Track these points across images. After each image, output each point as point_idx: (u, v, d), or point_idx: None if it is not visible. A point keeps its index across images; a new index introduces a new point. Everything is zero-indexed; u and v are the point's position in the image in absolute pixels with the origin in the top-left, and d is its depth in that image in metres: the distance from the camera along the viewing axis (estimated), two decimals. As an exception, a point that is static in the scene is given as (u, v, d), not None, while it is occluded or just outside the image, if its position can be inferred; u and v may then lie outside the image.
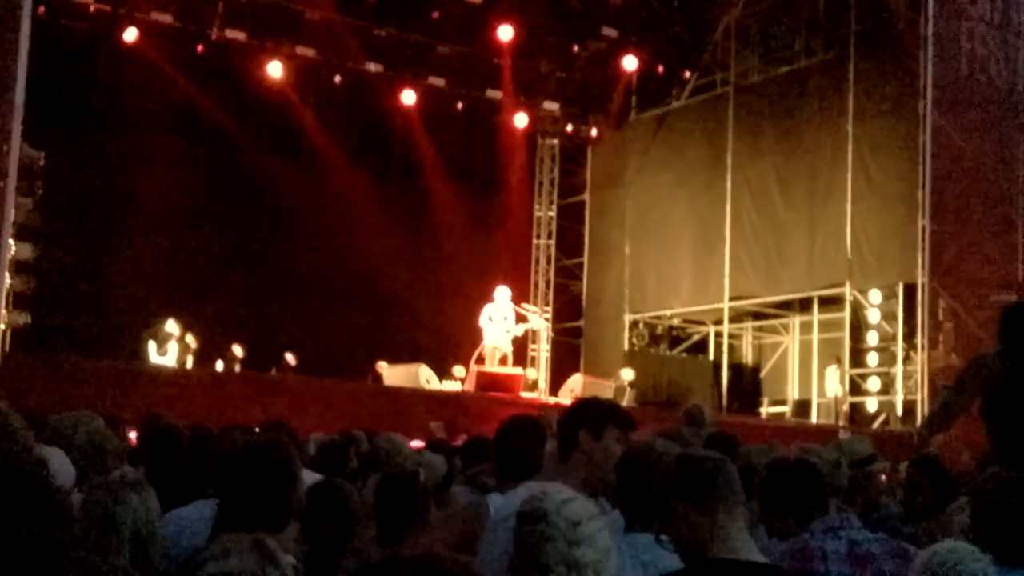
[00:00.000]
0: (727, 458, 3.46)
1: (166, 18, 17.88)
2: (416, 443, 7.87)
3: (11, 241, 13.40)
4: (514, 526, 2.94)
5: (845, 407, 18.10)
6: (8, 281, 13.44)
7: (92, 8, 17.39)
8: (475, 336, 18.09)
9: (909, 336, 17.38)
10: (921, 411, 16.70)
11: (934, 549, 3.54)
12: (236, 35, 18.48)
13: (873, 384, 17.98)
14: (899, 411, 17.41)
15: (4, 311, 13.08)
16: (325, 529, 4.13)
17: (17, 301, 14.87)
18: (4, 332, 13.48)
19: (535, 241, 23.77)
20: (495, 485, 4.60)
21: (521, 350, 21.00)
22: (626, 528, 3.71)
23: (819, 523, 4.00)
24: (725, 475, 3.26)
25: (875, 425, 17.49)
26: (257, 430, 7.07)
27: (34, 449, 3.61)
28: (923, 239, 16.90)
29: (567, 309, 23.52)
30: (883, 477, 6.53)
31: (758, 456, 5.22)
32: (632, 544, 3.56)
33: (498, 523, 3.74)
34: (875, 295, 18.12)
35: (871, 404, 18.01)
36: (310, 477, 5.45)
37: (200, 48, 18.35)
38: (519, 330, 18.37)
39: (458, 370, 18.15)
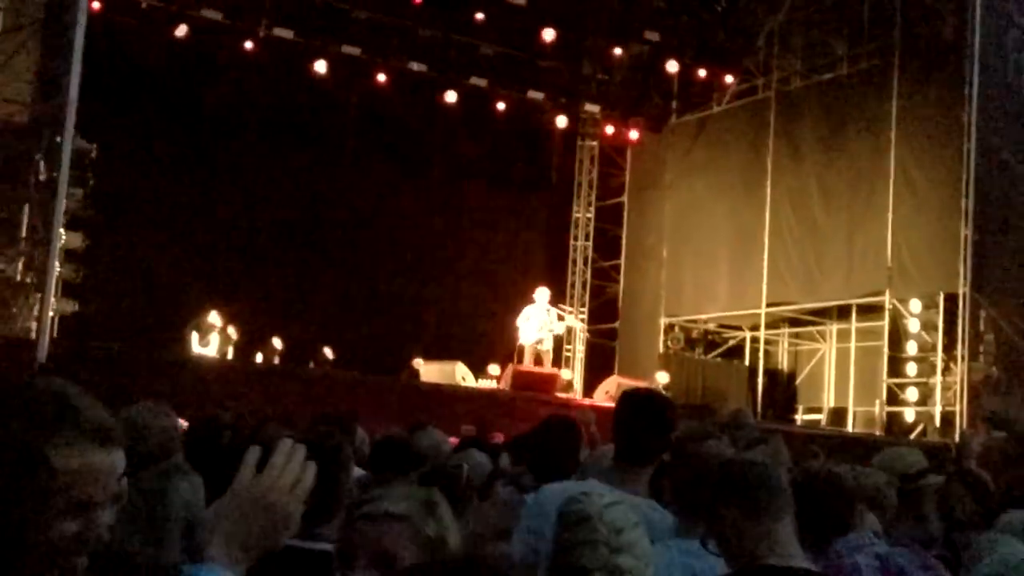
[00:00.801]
0: (774, 463, 3.48)
1: (216, 15, 18.03)
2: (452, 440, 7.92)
3: (62, 230, 13.56)
4: (556, 527, 2.95)
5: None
6: (58, 269, 13.61)
7: (144, 5, 17.56)
8: (510, 335, 18.10)
9: (949, 347, 17.24)
10: (959, 423, 16.60)
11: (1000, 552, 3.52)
12: (283, 33, 18.61)
13: (911, 394, 17.83)
14: (937, 422, 17.26)
15: (53, 299, 13.22)
16: None
17: (66, 289, 15.06)
18: (53, 319, 13.63)
19: (572, 242, 23.74)
20: (534, 484, 4.61)
21: (556, 351, 20.98)
22: (678, 532, 3.72)
23: (842, 541, 3.92)
24: (773, 481, 3.26)
25: (912, 436, 17.38)
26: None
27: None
28: (965, 249, 16.76)
29: (603, 311, 23.50)
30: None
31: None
32: (683, 549, 3.55)
33: (535, 509, 3.76)
34: (915, 304, 17.97)
35: (909, 415, 17.86)
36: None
37: (249, 45, 18.49)
38: (559, 329, 18.37)
39: (493, 368, 18.18)
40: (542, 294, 18.07)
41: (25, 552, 1.72)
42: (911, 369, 17.94)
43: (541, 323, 17.84)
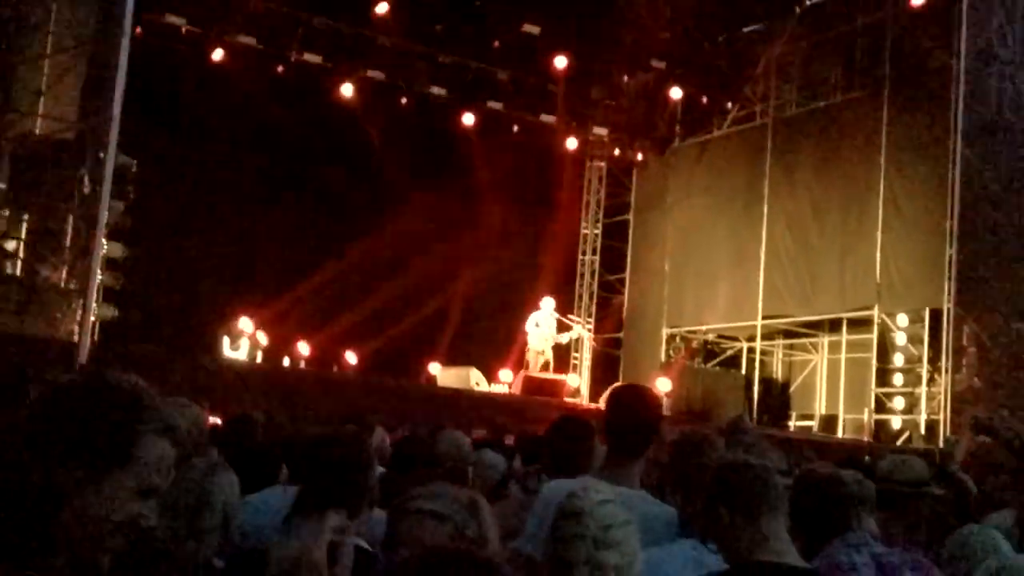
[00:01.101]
0: (770, 466, 3.44)
1: (250, 41, 18.10)
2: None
3: (104, 240, 13.59)
4: (553, 518, 2.95)
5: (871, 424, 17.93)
6: (99, 277, 13.63)
7: (184, 30, 17.64)
8: (522, 343, 18.11)
9: (934, 359, 17.17)
10: (943, 431, 16.53)
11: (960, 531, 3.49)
12: (313, 58, 18.69)
13: (898, 403, 17.76)
14: (922, 430, 17.19)
15: (95, 304, 13.25)
16: None
17: (106, 296, 15.09)
18: (94, 324, 13.66)
19: (581, 257, 23.74)
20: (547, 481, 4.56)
21: (564, 358, 20.99)
22: (680, 531, 3.70)
23: (840, 540, 3.88)
24: (768, 482, 3.24)
25: (899, 442, 17.31)
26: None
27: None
28: (949, 267, 16.72)
29: (609, 321, 23.47)
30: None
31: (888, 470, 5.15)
32: (683, 548, 3.52)
33: (542, 502, 3.74)
34: (902, 319, 17.92)
35: (895, 422, 17.80)
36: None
37: (280, 69, 18.55)
38: (562, 338, 18.34)
39: (505, 374, 18.16)
40: (547, 303, 18.06)
41: (91, 528, 1.76)
42: (898, 379, 17.88)
43: (546, 330, 17.83)
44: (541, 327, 17.85)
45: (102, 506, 1.77)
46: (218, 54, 18.00)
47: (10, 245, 13.10)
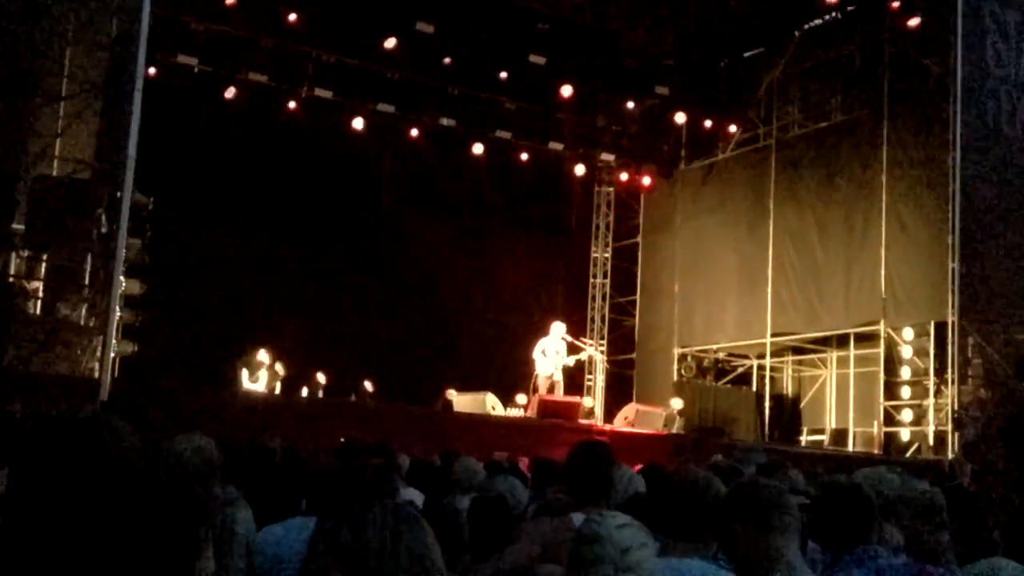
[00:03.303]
0: (785, 487, 3.44)
1: (262, 78, 18.17)
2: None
3: (122, 278, 13.59)
4: (572, 543, 2.94)
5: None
6: (118, 314, 13.62)
7: (196, 69, 17.72)
8: (534, 367, 18.06)
9: (940, 371, 17.09)
10: (951, 441, 16.44)
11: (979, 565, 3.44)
12: (324, 93, 18.75)
13: (906, 416, 17.68)
14: (931, 441, 17.11)
15: (114, 341, 13.24)
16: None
17: (126, 332, 15.08)
18: (114, 360, 13.65)
19: (592, 280, 23.74)
20: (572, 506, 4.49)
21: (578, 380, 20.94)
22: (661, 551, 3.64)
23: (849, 557, 3.81)
24: (784, 502, 3.26)
25: (908, 454, 17.21)
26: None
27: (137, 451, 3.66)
28: (953, 281, 16.65)
29: (621, 342, 23.43)
30: None
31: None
32: (697, 563, 3.49)
33: None
34: (908, 332, 17.84)
35: (904, 434, 17.71)
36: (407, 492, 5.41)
37: (292, 105, 18.62)
38: (570, 361, 18.28)
39: (520, 398, 18.09)
40: (557, 328, 18.00)
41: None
42: (905, 392, 17.80)
43: (554, 355, 17.76)
44: (548, 354, 17.75)
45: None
46: (231, 92, 18.07)
47: (30, 285, 13.11)
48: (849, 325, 18.95)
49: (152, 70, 15.78)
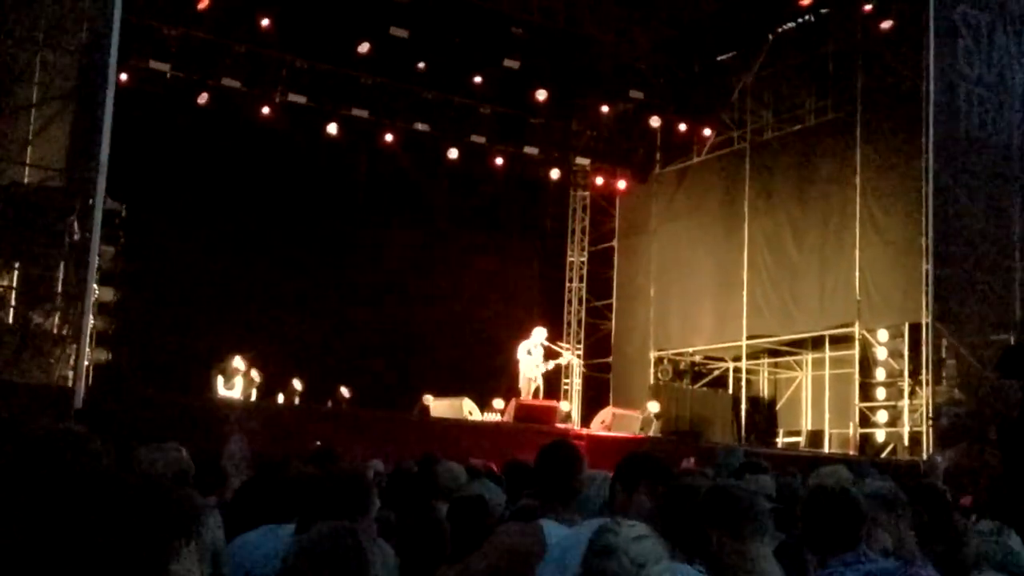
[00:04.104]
0: (759, 492, 3.45)
1: (235, 84, 18.11)
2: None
3: (95, 285, 13.51)
4: (584, 554, 2.83)
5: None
6: (92, 321, 13.54)
7: (169, 75, 17.64)
8: (513, 372, 18.06)
9: (914, 372, 17.21)
10: (926, 442, 16.56)
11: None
12: (297, 98, 18.71)
13: (881, 417, 17.79)
14: (906, 442, 17.22)
15: (88, 349, 13.15)
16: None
17: (99, 340, 14.99)
18: (88, 368, 13.56)
19: (568, 284, 23.77)
20: (540, 510, 4.48)
21: (555, 384, 20.94)
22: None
23: (837, 560, 3.79)
24: (756, 507, 3.27)
25: (883, 455, 17.30)
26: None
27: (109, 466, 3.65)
28: (926, 283, 16.77)
29: (597, 346, 23.46)
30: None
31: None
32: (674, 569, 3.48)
33: (561, 553, 3.64)
34: (882, 334, 17.95)
35: (880, 435, 17.81)
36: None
37: (265, 110, 18.57)
38: (549, 365, 18.30)
39: (497, 402, 18.09)
40: (538, 332, 18.03)
41: None
42: (880, 393, 17.90)
43: (537, 358, 17.80)
44: (533, 355, 17.79)
45: None
46: (203, 98, 18.01)
47: (2, 293, 13.01)
48: (824, 327, 19.04)
49: (124, 76, 15.69)
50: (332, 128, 19.11)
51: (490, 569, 3.96)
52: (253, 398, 16.38)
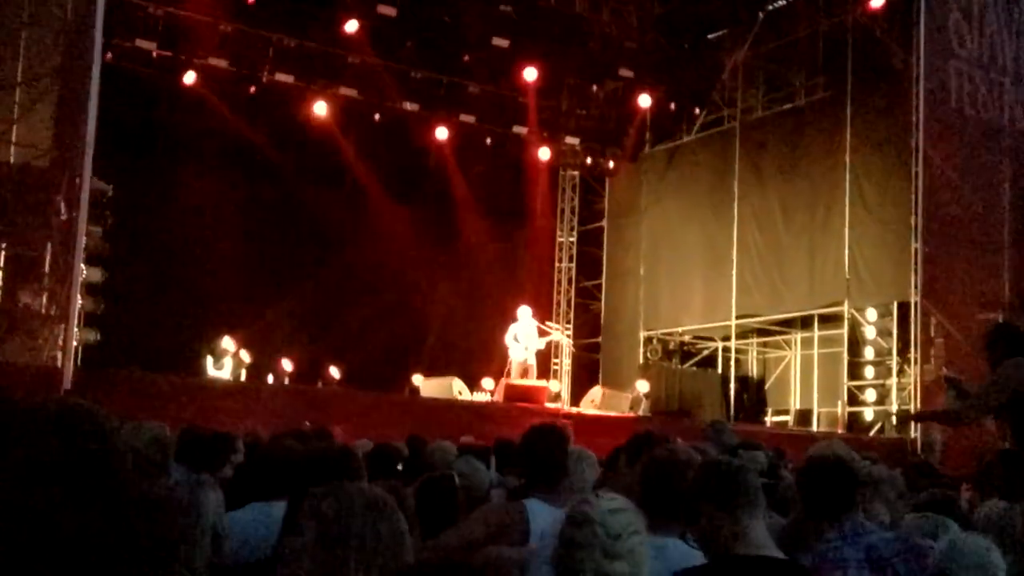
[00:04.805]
0: (748, 465, 3.47)
1: (221, 63, 17.97)
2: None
3: (83, 266, 13.47)
4: (561, 525, 2.87)
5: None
6: (79, 302, 13.50)
7: (155, 54, 17.49)
8: (502, 351, 18.07)
9: (903, 351, 17.28)
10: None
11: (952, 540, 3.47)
12: (285, 78, 18.56)
13: (870, 395, 17.87)
14: (894, 420, 17.30)
15: (76, 329, 13.11)
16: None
17: (88, 320, 14.93)
18: (76, 349, 13.53)
19: (557, 264, 23.77)
20: (525, 489, 4.51)
21: (544, 364, 20.94)
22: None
23: (837, 530, 3.87)
24: (747, 480, 3.27)
25: (871, 433, 17.39)
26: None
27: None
28: (915, 261, 16.83)
29: (587, 326, 23.50)
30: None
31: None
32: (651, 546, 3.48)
33: (545, 529, 3.67)
34: (871, 313, 18.02)
35: (868, 414, 17.89)
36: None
37: (252, 89, 18.44)
38: (541, 344, 18.31)
39: (487, 382, 18.10)
40: (524, 312, 18.01)
41: None
42: (869, 372, 17.99)
43: (526, 340, 17.78)
44: (520, 339, 17.77)
45: None
46: (190, 77, 17.86)
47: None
48: (813, 306, 19.10)
49: (109, 55, 15.59)
50: (320, 107, 19.02)
51: (474, 543, 3.99)
52: (242, 379, 16.38)
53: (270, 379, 17.22)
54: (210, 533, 3.74)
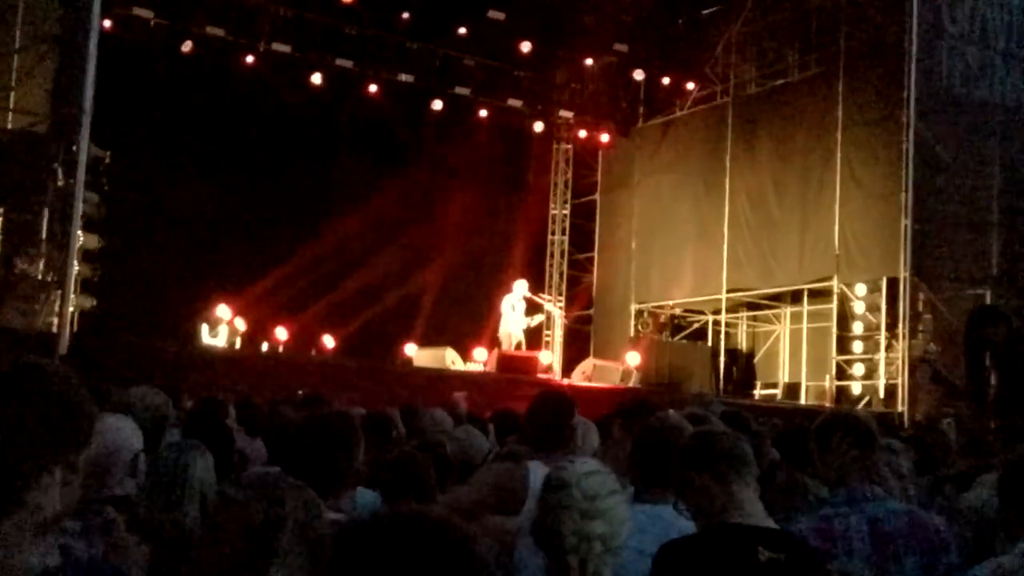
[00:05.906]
0: (742, 435, 3.47)
1: (219, 32, 17.89)
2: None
3: (80, 232, 13.43)
4: (540, 489, 2.94)
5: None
6: (76, 268, 13.47)
7: (152, 23, 17.41)
8: (495, 322, 18.08)
9: (891, 326, 17.31)
10: (901, 394, 16.72)
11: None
12: (281, 48, 18.49)
13: (858, 370, 17.91)
14: (881, 394, 17.36)
15: (73, 296, 13.09)
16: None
17: (84, 287, 14.90)
18: (73, 315, 13.50)
19: (550, 237, 23.74)
20: (529, 454, 4.50)
21: (537, 335, 20.99)
22: (635, 498, 3.66)
23: (844, 492, 3.75)
24: (740, 449, 3.27)
25: (859, 406, 17.43)
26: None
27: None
28: (905, 237, 16.84)
29: (579, 299, 23.51)
30: None
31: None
32: (641, 513, 3.45)
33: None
34: (860, 288, 18.03)
35: (856, 388, 17.95)
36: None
37: (249, 59, 18.36)
38: (533, 322, 18.31)
39: (480, 353, 18.11)
40: (520, 285, 18.01)
41: None
42: (857, 347, 18.01)
43: (520, 312, 17.81)
44: (516, 310, 17.80)
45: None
46: (187, 46, 17.77)
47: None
48: (803, 281, 19.11)
49: (108, 23, 15.48)
50: (316, 78, 18.92)
51: (477, 503, 4.00)
52: (237, 346, 16.38)
53: (264, 347, 17.22)
54: (198, 497, 3.74)
